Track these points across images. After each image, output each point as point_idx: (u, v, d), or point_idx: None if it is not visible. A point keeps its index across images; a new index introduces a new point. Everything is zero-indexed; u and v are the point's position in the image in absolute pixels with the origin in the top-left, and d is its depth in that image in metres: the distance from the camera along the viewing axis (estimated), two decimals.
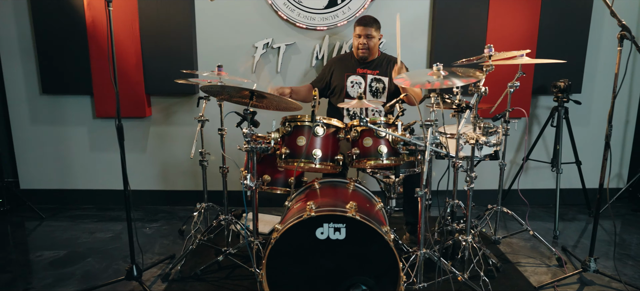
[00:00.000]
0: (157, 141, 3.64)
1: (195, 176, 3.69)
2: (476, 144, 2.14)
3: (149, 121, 3.61)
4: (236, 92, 2.28)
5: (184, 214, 3.53)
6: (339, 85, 3.01)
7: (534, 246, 2.94)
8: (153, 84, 3.43)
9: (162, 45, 3.37)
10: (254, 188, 2.19)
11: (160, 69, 3.39)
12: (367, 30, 2.87)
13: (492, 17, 3.36)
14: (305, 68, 3.51)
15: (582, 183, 3.45)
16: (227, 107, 2.55)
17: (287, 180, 2.44)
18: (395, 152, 2.14)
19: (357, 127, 2.17)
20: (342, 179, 2.36)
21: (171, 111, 3.59)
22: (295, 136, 2.16)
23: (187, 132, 3.61)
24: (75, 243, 2.99)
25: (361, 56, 2.92)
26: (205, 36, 3.45)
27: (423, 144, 1.97)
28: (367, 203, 2.13)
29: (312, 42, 3.46)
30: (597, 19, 3.45)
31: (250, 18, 3.41)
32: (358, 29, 2.90)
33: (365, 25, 2.87)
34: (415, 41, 3.49)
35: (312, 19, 3.40)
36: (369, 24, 2.87)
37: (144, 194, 3.71)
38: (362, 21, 2.90)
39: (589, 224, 3.38)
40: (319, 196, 2.13)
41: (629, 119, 3.71)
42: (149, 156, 3.67)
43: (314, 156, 2.12)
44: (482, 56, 2.33)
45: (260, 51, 3.44)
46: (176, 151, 3.65)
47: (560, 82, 3.19)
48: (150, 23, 3.33)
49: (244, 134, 2.14)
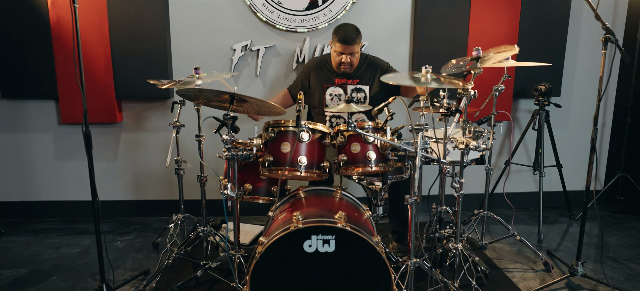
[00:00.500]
0: (129, 148, 3.44)
1: (169, 185, 3.51)
2: (466, 148, 2.08)
3: (119, 127, 3.41)
4: (215, 96, 2.14)
5: (159, 226, 3.34)
6: (317, 97, 2.83)
7: (519, 250, 2.92)
8: (124, 88, 3.24)
9: (134, 47, 3.18)
10: (235, 197, 2.06)
11: (132, 72, 3.21)
12: (350, 49, 2.60)
13: (474, 21, 3.35)
14: (285, 71, 3.40)
15: (563, 186, 3.47)
16: (204, 112, 2.42)
17: (270, 189, 2.32)
18: (384, 158, 2.05)
19: (344, 133, 2.07)
20: (328, 188, 2.25)
21: (143, 116, 3.40)
22: (279, 143, 2.04)
23: (160, 139, 3.42)
24: (38, 260, 2.77)
25: (342, 72, 2.74)
26: (180, 38, 3.28)
27: (413, 150, 1.89)
28: (355, 212, 2.03)
29: (292, 44, 3.35)
30: (574, 22, 3.49)
31: (227, 19, 3.28)
32: (339, 47, 2.60)
33: (348, 44, 2.59)
34: (397, 45, 3.44)
35: (293, 21, 3.30)
36: (351, 42, 2.59)
37: (115, 204, 3.50)
38: (344, 39, 2.58)
39: (571, 227, 3.40)
40: (305, 206, 2.02)
41: (605, 122, 3.77)
42: (120, 165, 3.46)
43: (299, 164, 2.01)
44: (465, 58, 2.28)
45: (239, 54, 3.30)
46: (149, 159, 3.46)
47: (541, 86, 3.19)
48: (120, 23, 3.14)
49: (224, 141, 2.01)
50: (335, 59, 2.71)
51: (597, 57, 3.64)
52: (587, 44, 3.58)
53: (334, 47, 2.69)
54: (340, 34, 2.63)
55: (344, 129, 2.07)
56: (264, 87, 3.41)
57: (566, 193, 3.50)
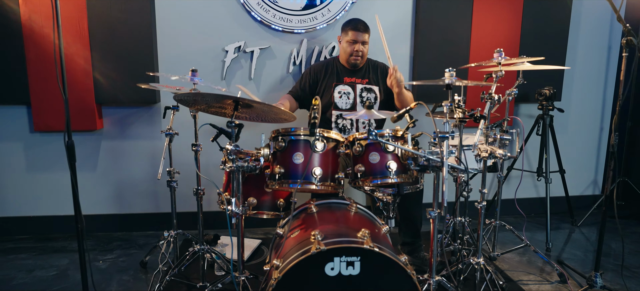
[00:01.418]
0: (110, 157, 3.16)
1: (155, 197, 3.24)
2: (490, 157, 1.94)
3: (99, 135, 3.12)
4: (216, 101, 1.93)
5: (144, 242, 3.07)
6: (325, 99, 2.73)
7: (530, 260, 2.81)
8: (105, 92, 2.96)
9: (116, 48, 2.91)
10: (240, 214, 1.85)
11: (114, 74, 2.94)
12: (362, 37, 2.64)
13: (476, 23, 3.25)
14: (281, 74, 3.20)
15: (566, 192, 3.41)
16: (200, 118, 2.20)
17: (275, 202, 2.11)
18: (405, 168, 1.89)
19: (361, 141, 1.89)
20: (340, 201, 2.06)
21: (127, 122, 3.13)
22: (291, 152, 1.85)
23: (145, 147, 3.15)
24: (8, 284, 2.46)
25: (353, 63, 2.68)
26: (167, 38, 3.04)
27: (439, 159, 1.73)
28: (374, 228, 1.85)
29: (288, 46, 3.15)
30: (574, 27, 3.45)
31: (219, 18, 3.05)
32: (352, 34, 2.64)
33: (361, 31, 2.64)
34: (398, 47, 3.30)
35: (289, 21, 3.11)
36: (364, 29, 2.65)
37: (95, 219, 3.20)
38: (357, 26, 2.65)
39: (573, 233, 3.34)
40: (320, 222, 1.83)
41: (603, 126, 3.75)
42: (101, 175, 3.17)
43: (313, 176, 1.82)
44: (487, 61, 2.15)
45: (231, 56, 3.08)
46: (133, 169, 3.18)
47: (546, 90, 3.12)
48: (101, 22, 2.87)
49: (228, 151, 1.79)
50: (348, 49, 2.68)
51: (596, 61, 3.62)
52: (586, 48, 3.55)
53: (345, 37, 2.69)
54: (352, 23, 2.68)
55: (361, 137, 1.89)
56: (258, 91, 3.20)
57: (568, 199, 3.44)
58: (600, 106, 3.70)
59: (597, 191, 3.85)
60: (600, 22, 3.55)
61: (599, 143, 3.77)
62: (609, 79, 3.66)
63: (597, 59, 3.61)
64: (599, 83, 3.66)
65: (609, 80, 3.67)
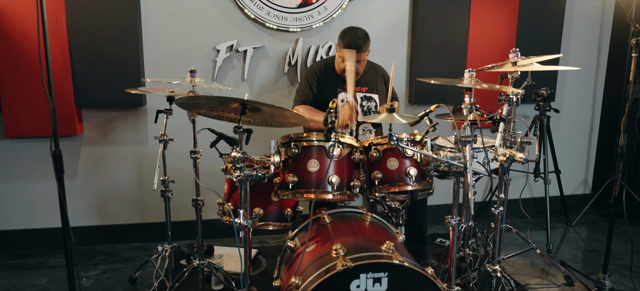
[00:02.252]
0: (92, 164, 2.93)
1: (141, 207, 3.03)
2: (508, 160, 1.87)
3: (80, 141, 2.88)
4: (221, 105, 1.78)
5: (130, 255, 2.86)
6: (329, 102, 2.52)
7: (533, 263, 2.78)
8: (85, 94, 2.74)
9: (98, 47, 2.70)
10: (249, 226, 1.70)
11: (95, 76, 2.72)
12: (358, 56, 2.34)
13: (474, 23, 3.21)
14: (276, 75, 3.05)
15: (561, 192, 3.42)
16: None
17: (282, 212, 1.97)
18: (423, 175, 1.79)
19: (378, 146, 1.78)
20: (353, 209, 1.94)
21: (109, 127, 2.91)
22: (305, 160, 1.72)
23: (130, 153, 2.94)
24: None
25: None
26: (153, 36, 2.84)
27: (462, 164, 1.65)
28: (395, 239, 1.75)
29: (283, 45, 3.01)
30: (567, 27, 3.46)
31: (210, 15, 2.88)
32: (347, 54, 2.32)
33: (357, 51, 2.33)
34: (395, 47, 3.21)
35: (284, 18, 2.96)
36: (359, 48, 2.34)
37: (76, 231, 2.92)
38: (351, 44, 2.33)
39: (568, 233, 3.35)
40: (337, 234, 1.70)
41: (593, 126, 3.79)
42: (81, 184, 2.93)
43: (330, 184, 1.69)
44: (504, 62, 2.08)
45: (223, 55, 2.91)
46: (116, 177, 2.96)
47: (543, 90, 3.10)
48: (81, 18, 2.65)
49: (234, 159, 1.65)
50: (341, 65, 2.45)
51: (586, 61, 3.65)
52: (577, 48, 3.57)
53: (339, 52, 2.45)
54: (346, 40, 2.38)
55: (378, 142, 1.78)
56: (252, 93, 3.04)
57: (563, 199, 3.45)
58: (590, 106, 3.74)
59: (587, 190, 3.89)
60: (591, 22, 3.58)
61: (589, 143, 3.81)
62: (599, 79, 3.71)
63: (588, 59, 3.64)
64: (589, 83, 3.69)
65: (599, 80, 3.71)
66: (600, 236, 3.29)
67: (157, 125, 2.15)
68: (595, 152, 3.83)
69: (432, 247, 2.94)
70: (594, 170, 3.86)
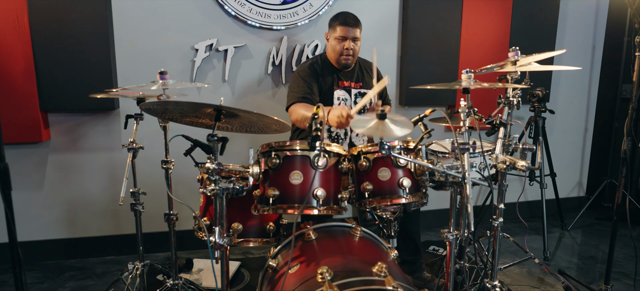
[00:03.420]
0: (60, 173, 2.71)
1: (115, 217, 2.83)
2: (508, 168, 1.72)
3: (46, 148, 2.67)
4: (193, 111, 1.60)
5: (103, 270, 2.66)
6: (325, 103, 2.29)
7: (531, 272, 2.66)
8: (52, 97, 2.53)
9: (65, 46, 2.49)
10: (225, 246, 1.53)
11: (63, 77, 2.51)
12: (353, 32, 2.30)
13: (466, 21, 3.07)
14: (259, 75, 2.87)
15: (556, 195, 3.30)
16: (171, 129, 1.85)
17: (264, 227, 1.80)
18: (418, 186, 1.64)
19: (368, 155, 1.62)
20: (342, 223, 1.78)
21: (79, 133, 2.70)
22: (288, 171, 1.54)
23: (102, 161, 2.74)
24: None
25: (344, 63, 2.34)
26: (126, 34, 2.64)
27: (460, 175, 1.50)
28: (386, 257, 1.59)
29: (267, 44, 2.83)
30: (561, 26, 3.35)
31: (188, 12, 2.69)
32: (340, 30, 2.29)
33: (351, 26, 2.30)
34: (384, 45, 3.06)
35: (267, 16, 2.79)
36: (355, 23, 2.31)
37: (42, 245, 2.74)
38: (346, 20, 2.31)
39: (564, 238, 3.24)
40: (321, 253, 1.54)
41: (587, 127, 3.69)
42: (49, 194, 2.72)
43: (315, 198, 1.53)
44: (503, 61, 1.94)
45: (202, 55, 2.72)
46: (88, 186, 2.75)
47: (538, 91, 2.98)
48: (45, 15, 2.44)
49: (209, 171, 1.47)
50: (336, 47, 2.33)
51: (581, 61, 3.55)
52: (571, 47, 3.46)
53: (333, 34, 2.34)
54: (340, 18, 2.34)
55: (368, 150, 1.62)
56: (234, 95, 2.86)
57: (559, 202, 3.34)
58: (584, 106, 3.64)
59: (582, 193, 3.80)
60: (585, 21, 3.48)
61: (583, 144, 3.71)
62: (593, 79, 3.61)
63: (582, 59, 3.54)
64: (583, 83, 3.59)
65: (593, 80, 3.61)
66: (597, 241, 3.19)
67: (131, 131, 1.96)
68: (590, 153, 3.73)
69: (425, 256, 2.79)
70: (588, 172, 3.77)
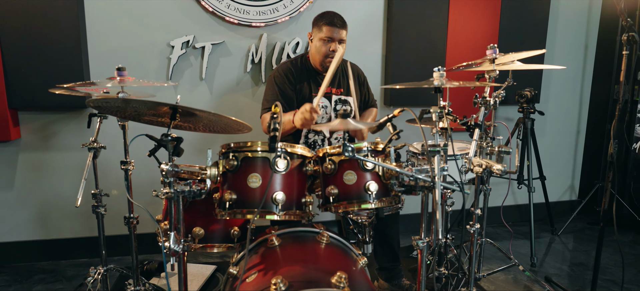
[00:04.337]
0: (31, 173, 2.63)
1: (89, 218, 2.73)
2: (485, 172, 1.63)
3: (16, 146, 2.59)
4: (148, 109, 1.51)
5: (74, 273, 2.58)
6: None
7: (516, 278, 2.56)
8: (21, 95, 2.46)
9: (35, 42, 2.41)
10: (181, 251, 1.44)
11: (32, 74, 2.43)
12: (340, 34, 2.17)
13: (453, 19, 2.98)
14: (237, 74, 2.79)
15: (546, 199, 3.21)
16: (134, 128, 1.76)
17: (228, 231, 1.71)
18: (387, 190, 1.55)
19: (333, 157, 1.53)
20: (308, 229, 1.69)
21: (51, 131, 2.62)
22: (245, 174, 1.46)
23: (75, 160, 2.66)
24: None
25: (328, 65, 2.18)
26: (99, 30, 2.56)
27: (430, 179, 1.41)
28: (352, 265, 1.50)
29: (246, 41, 2.75)
30: (552, 24, 3.26)
31: (164, 8, 2.60)
32: (326, 30, 2.16)
33: (338, 27, 2.17)
34: (369, 44, 2.97)
35: (246, 12, 2.70)
36: (341, 25, 2.19)
37: (12, 247, 2.67)
38: (333, 21, 2.18)
39: (554, 243, 3.15)
40: (283, 261, 1.45)
41: (579, 129, 3.59)
42: (20, 194, 2.64)
43: (274, 203, 1.44)
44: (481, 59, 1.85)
45: (179, 52, 2.64)
46: (60, 186, 2.67)
47: (527, 91, 2.89)
48: (14, 9, 2.36)
49: (164, 172, 1.39)
50: (321, 49, 2.20)
51: (572, 61, 3.46)
52: (563, 47, 3.37)
53: (319, 34, 2.20)
54: (327, 17, 2.21)
55: (334, 152, 1.53)
56: (211, 94, 2.77)
57: (549, 206, 3.24)
58: (577, 107, 3.54)
59: (574, 196, 3.70)
60: (577, 20, 3.38)
61: (575, 147, 3.61)
62: (586, 80, 3.51)
63: (574, 58, 3.44)
64: (575, 84, 3.50)
65: (586, 80, 3.51)
66: (588, 246, 3.09)
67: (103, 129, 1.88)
68: (582, 156, 3.64)
69: (407, 261, 2.70)
70: (580, 175, 3.67)
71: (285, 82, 2.24)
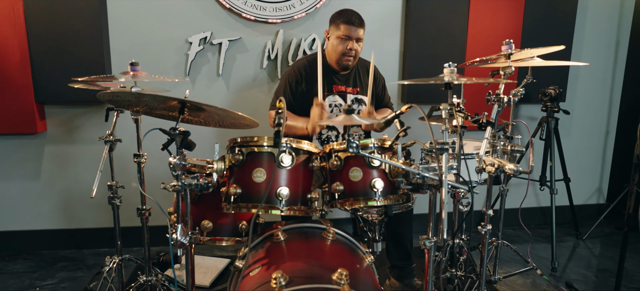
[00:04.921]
0: (56, 164, 2.74)
1: (110, 209, 2.80)
2: (497, 171, 1.58)
3: (43, 139, 2.70)
4: (158, 103, 1.54)
5: (95, 261, 2.67)
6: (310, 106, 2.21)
7: (534, 282, 2.48)
8: (47, 89, 2.55)
9: (60, 38, 2.51)
10: (188, 243, 1.47)
11: (57, 69, 2.52)
12: (357, 32, 2.16)
13: (473, 15, 2.90)
14: (254, 70, 2.81)
15: (570, 202, 3.09)
16: (147, 123, 1.80)
17: (237, 225, 1.73)
18: (394, 188, 1.53)
19: (339, 153, 1.52)
20: (315, 225, 1.69)
21: (75, 124, 2.71)
22: (250, 168, 1.47)
23: (97, 152, 2.74)
24: None
25: (345, 64, 2.21)
26: (121, 27, 2.63)
27: (437, 178, 1.38)
28: (356, 262, 1.49)
29: (262, 38, 2.76)
30: (580, 20, 3.12)
31: (182, 5, 2.65)
32: (344, 29, 2.14)
33: (356, 26, 2.15)
34: (386, 41, 2.93)
35: (263, 8, 2.72)
36: (359, 23, 2.17)
37: (38, 235, 2.78)
38: (351, 19, 2.16)
39: (578, 248, 3.02)
40: (287, 257, 1.45)
41: (609, 130, 3.43)
42: (45, 185, 2.75)
43: (278, 198, 1.44)
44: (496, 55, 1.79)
45: (196, 48, 2.68)
46: (83, 177, 2.77)
47: (551, 89, 2.78)
48: (41, 7, 2.45)
49: (172, 166, 1.41)
50: (338, 47, 2.19)
51: (602, 58, 3.31)
52: (592, 43, 3.22)
53: (336, 32, 2.19)
54: (344, 16, 2.18)
55: (340, 148, 1.52)
56: (228, 89, 2.80)
57: (573, 210, 3.12)
58: (606, 107, 3.38)
59: (601, 200, 3.54)
60: (608, 14, 3.23)
61: (604, 148, 3.46)
62: (617, 78, 3.35)
63: (604, 56, 3.29)
64: (605, 82, 3.34)
65: (617, 79, 3.35)
66: (614, 252, 2.95)
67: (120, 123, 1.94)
68: (611, 158, 3.48)
69: (421, 261, 2.65)
70: (609, 178, 3.51)
71: (298, 80, 2.24)
